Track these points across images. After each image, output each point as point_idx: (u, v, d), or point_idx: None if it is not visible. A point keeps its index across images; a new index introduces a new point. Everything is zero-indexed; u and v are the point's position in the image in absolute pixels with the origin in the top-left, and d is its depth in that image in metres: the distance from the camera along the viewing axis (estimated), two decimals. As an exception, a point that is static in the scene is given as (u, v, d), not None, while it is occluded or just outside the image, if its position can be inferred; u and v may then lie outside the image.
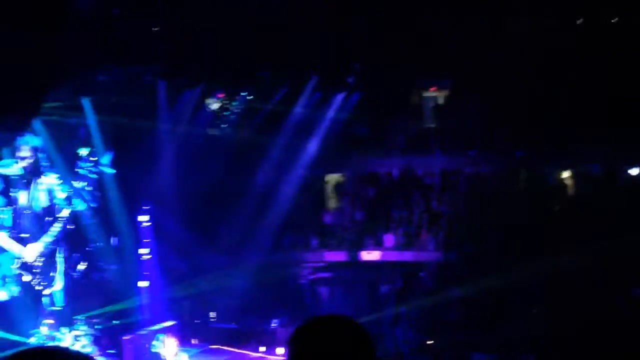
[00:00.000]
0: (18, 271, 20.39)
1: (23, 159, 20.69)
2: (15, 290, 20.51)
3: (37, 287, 20.70)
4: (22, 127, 20.60)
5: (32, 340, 20.77)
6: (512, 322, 22.04)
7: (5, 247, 20.00)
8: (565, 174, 28.33)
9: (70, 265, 21.87)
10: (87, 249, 23.57)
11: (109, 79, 23.35)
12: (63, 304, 21.67)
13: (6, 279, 20.40)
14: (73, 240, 22.34)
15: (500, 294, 23.46)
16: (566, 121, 24.85)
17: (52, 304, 21.38)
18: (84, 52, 19.85)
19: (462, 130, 27.66)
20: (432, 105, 30.19)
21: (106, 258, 24.68)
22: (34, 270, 20.55)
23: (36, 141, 21.20)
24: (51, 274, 21.02)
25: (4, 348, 19.90)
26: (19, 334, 20.75)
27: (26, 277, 20.49)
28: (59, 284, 21.40)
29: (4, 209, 20.46)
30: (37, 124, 21.68)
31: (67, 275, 21.65)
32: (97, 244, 24.05)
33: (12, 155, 21.17)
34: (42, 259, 20.79)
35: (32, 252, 20.41)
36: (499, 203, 26.59)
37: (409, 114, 29.86)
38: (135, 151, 25.65)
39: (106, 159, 23.89)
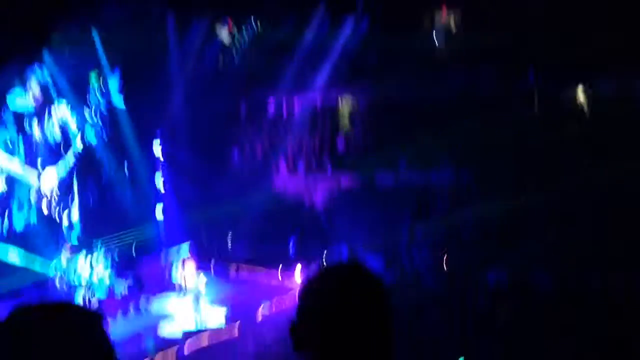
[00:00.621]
0: (35, 200, 20.64)
1: (33, 91, 20.85)
2: (33, 218, 21.03)
3: (54, 216, 21.12)
4: (32, 59, 20.77)
5: (54, 271, 21.20)
6: (527, 241, 22.13)
7: (22, 176, 20.51)
8: (580, 94, 28.03)
9: (84, 194, 22.09)
10: (100, 177, 23.88)
11: (118, 9, 23.23)
12: (80, 231, 22.05)
13: (23, 208, 20.82)
14: (87, 169, 22.81)
15: (515, 214, 23.54)
16: (581, 39, 24.51)
17: (70, 231, 21.70)
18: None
19: (473, 50, 27.30)
20: (442, 26, 29.74)
21: (119, 186, 24.92)
22: (50, 199, 20.92)
23: (46, 74, 21.29)
24: (67, 202, 21.36)
25: (25, 278, 20.41)
26: (38, 262, 21.18)
27: (43, 206, 20.90)
28: (75, 212, 21.77)
29: (19, 139, 20.60)
30: (46, 56, 21.81)
31: (82, 203, 22.05)
32: (110, 172, 24.35)
33: (24, 87, 21.37)
34: (58, 188, 21.21)
35: (49, 180, 20.93)
36: (512, 123, 26.48)
37: (420, 37, 29.49)
38: (145, 83, 25.68)
39: (115, 84, 23.92)
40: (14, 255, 21.03)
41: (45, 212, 21.38)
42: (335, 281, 2.61)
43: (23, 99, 21.28)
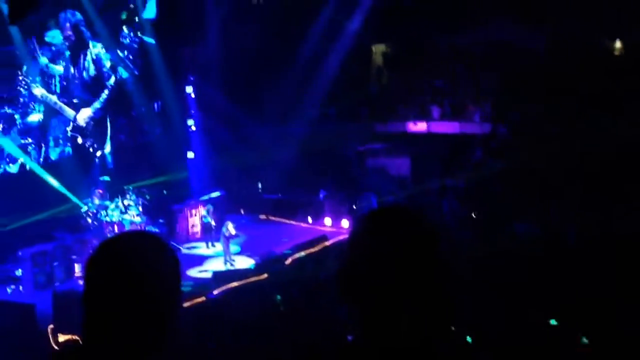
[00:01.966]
0: (71, 134, 21.51)
1: (67, 33, 21.30)
2: (68, 150, 21.90)
3: (89, 149, 22.02)
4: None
5: (84, 209, 21.56)
6: (556, 195, 22.03)
7: (60, 110, 21.17)
8: (618, 44, 27.52)
9: (117, 129, 22.88)
10: (132, 113, 24.34)
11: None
12: (112, 166, 22.44)
13: (60, 141, 21.64)
14: (119, 105, 23.31)
15: (545, 168, 23.38)
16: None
17: (103, 164, 22.54)
18: None
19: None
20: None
21: (150, 122, 25.26)
22: (85, 133, 21.71)
23: (77, 15, 21.57)
24: (101, 137, 22.18)
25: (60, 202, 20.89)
26: (73, 194, 21.77)
27: (79, 139, 21.70)
28: (108, 146, 22.60)
29: (56, 75, 21.28)
30: None
31: (114, 138, 22.74)
32: (142, 109, 24.72)
33: (57, 25, 21.61)
34: (92, 123, 21.89)
35: (83, 116, 21.62)
36: (548, 74, 26.09)
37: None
38: (178, 22, 25.54)
39: (148, 22, 23.93)
40: (52, 181, 21.83)
41: (80, 142, 21.91)
42: (387, 226, 2.52)
43: (59, 38, 21.56)
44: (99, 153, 22.64)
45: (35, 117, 21.40)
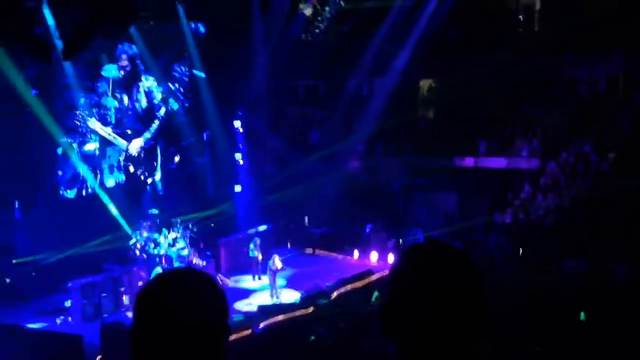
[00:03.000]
0: (124, 162, 22.71)
1: (123, 64, 22.36)
2: (121, 177, 22.99)
3: (140, 176, 23.08)
4: (120, 34, 21.43)
5: (133, 241, 21.87)
6: (604, 232, 21.74)
7: (113, 141, 22.29)
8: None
9: (167, 158, 23.87)
10: (182, 143, 25.13)
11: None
12: (162, 194, 22.94)
13: (114, 169, 22.85)
14: (169, 136, 24.31)
15: (595, 204, 23.12)
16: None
17: (154, 191, 23.61)
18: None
19: (558, 34, 26.74)
20: (527, 8, 29.19)
21: (199, 152, 26.00)
22: (137, 162, 22.81)
23: (134, 48, 22.43)
24: (152, 165, 23.28)
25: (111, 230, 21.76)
26: (125, 220, 22.78)
27: (131, 168, 22.85)
28: (158, 174, 23.56)
29: (112, 107, 22.57)
30: (133, 30, 22.51)
31: (164, 166, 23.73)
32: (191, 139, 25.54)
33: (110, 60, 22.57)
34: (144, 152, 22.94)
35: (135, 146, 22.64)
36: (596, 109, 25.95)
37: (504, 19, 29.01)
38: (228, 57, 25.92)
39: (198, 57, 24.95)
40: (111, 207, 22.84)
41: (132, 170, 22.96)
42: (430, 263, 2.51)
43: (114, 71, 22.66)
44: (149, 180, 23.50)
45: (92, 146, 22.57)
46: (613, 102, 26.16)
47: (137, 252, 22.15)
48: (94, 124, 21.85)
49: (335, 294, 21.06)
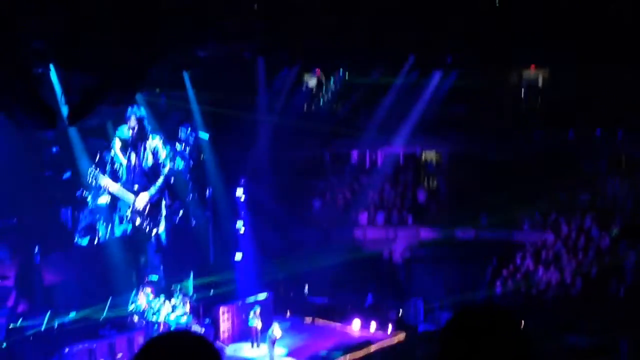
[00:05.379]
0: (131, 215, 23.75)
1: (131, 125, 23.50)
2: (128, 228, 24.09)
3: (146, 228, 23.97)
4: (126, 100, 21.98)
5: (132, 308, 21.88)
6: (607, 305, 21.67)
7: (121, 196, 23.45)
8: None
9: (171, 211, 24.79)
10: (185, 199, 25.98)
11: (209, 55, 23.92)
12: (165, 244, 24.49)
13: (123, 221, 23.98)
14: (174, 192, 25.22)
15: (597, 277, 23.09)
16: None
17: (158, 244, 24.50)
18: (183, 28, 20.39)
19: (562, 109, 27.06)
20: (530, 84, 29.53)
21: (201, 208, 26.46)
22: (143, 215, 23.77)
23: (142, 110, 23.68)
24: (156, 218, 24.21)
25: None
26: (128, 268, 24.13)
27: (137, 220, 23.73)
28: (162, 226, 24.36)
29: (123, 165, 23.82)
30: (139, 96, 23.17)
31: (168, 219, 24.58)
32: (195, 195, 26.43)
33: (114, 128, 23.79)
34: (149, 206, 23.94)
35: (142, 200, 23.66)
36: (596, 182, 26.16)
37: (507, 94, 29.38)
38: (232, 126, 26.25)
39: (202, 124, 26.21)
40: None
41: (138, 224, 23.89)
42: (479, 328, 2.55)
43: (126, 132, 23.84)
44: (154, 232, 24.30)
45: (104, 200, 23.86)
46: (615, 179, 26.37)
47: (136, 319, 22.11)
48: (104, 180, 23.01)
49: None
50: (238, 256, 26.62)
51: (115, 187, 23.31)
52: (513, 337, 2.55)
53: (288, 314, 25.74)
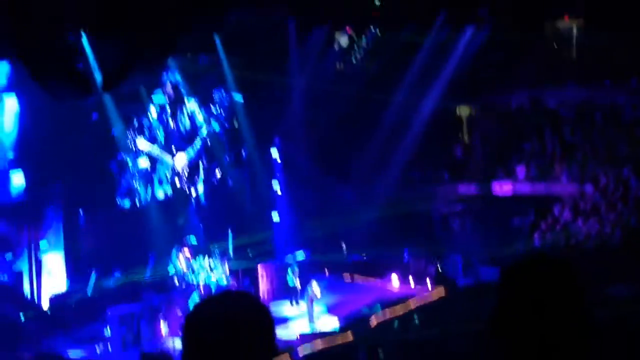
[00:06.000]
0: (171, 176, 25.00)
1: (167, 90, 24.54)
2: (169, 190, 25.22)
3: (185, 189, 25.20)
4: (158, 66, 22.18)
5: (171, 270, 22.25)
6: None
7: (161, 158, 24.64)
8: None
9: (209, 173, 25.85)
10: (222, 161, 26.66)
11: (240, 18, 23.86)
12: (205, 204, 25.67)
13: (162, 182, 25.10)
14: (211, 153, 26.19)
15: (636, 227, 22.89)
16: None
17: (197, 205, 25.67)
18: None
19: (596, 60, 26.62)
20: (564, 35, 29.06)
21: (237, 168, 27.21)
22: (182, 176, 25.01)
23: (176, 75, 24.46)
24: (195, 179, 25.36)
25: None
26: (168, 230, 24.84)
27: (177, 181, 25.01)
28: (201, 187, 25.54)
29: (159, 128, 24.82)
30: (171, 61, 23.32)
31: (207, 181, 25.70)
32: (232, 157, 27.05)
33: (148, 93, 24.61)
34: (188, 168, 25.13)
35: (180, 161, 24.90)
36: (635, 134, 25.76)
37: (541, 45, 28.93)
38: (265, 88, 26.28)
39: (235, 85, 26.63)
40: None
41: (178, 185, 24.99)
42: (537, 273, 2.56)
43: (160, 96, 24.77)
44: (193, 193, 25.33)
45: (143, 163, 24.82)
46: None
47: (175, 281, 22.41)
48: (143, 144, 23.97)
49: (374, 321, 20.99)
50: (275, 216, 26.80)
51: (155, 150, 23.91)
52: (573, 287, 2.56)
53: (326, 271, 25.91)
